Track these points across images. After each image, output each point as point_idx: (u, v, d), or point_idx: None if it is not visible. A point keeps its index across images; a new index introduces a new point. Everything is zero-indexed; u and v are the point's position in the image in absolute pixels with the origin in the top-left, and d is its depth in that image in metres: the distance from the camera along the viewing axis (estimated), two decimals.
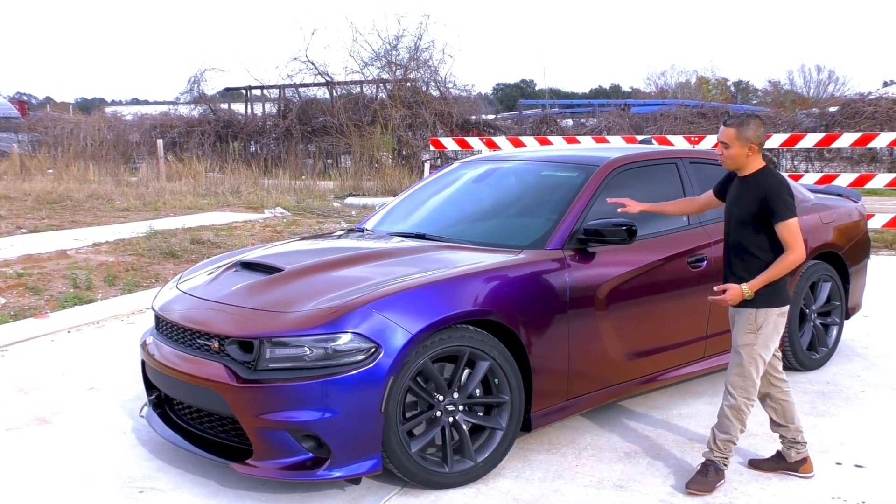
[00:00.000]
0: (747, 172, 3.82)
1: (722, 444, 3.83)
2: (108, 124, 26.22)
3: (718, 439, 3.83)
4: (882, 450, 4.30)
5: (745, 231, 3.78)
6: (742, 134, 3.74)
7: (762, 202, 3.69)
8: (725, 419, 3.81)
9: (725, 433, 3.82)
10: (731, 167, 3.86)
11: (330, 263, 4.28)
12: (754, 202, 3.73)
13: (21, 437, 4.52)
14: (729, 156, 3.79)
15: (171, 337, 4.14)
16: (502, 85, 60.06)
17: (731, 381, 3.82)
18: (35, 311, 7.22)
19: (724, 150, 3.80)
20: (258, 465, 3.64)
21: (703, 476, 3.81)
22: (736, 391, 3.79)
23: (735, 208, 3.85)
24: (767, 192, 3.70)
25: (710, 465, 3.83)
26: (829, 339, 5.83)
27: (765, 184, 3.74)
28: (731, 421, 3.80)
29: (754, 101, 40.36)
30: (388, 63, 23.53)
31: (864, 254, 6.14)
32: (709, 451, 3.86)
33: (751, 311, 3.75)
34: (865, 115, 19.67)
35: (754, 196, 3.74)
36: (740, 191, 3.85)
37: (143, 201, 15.61)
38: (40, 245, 10.06)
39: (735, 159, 3.79)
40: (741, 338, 3.79)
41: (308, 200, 16.13)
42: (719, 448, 3.83)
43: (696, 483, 3.79)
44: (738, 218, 3.81)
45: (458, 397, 3.85)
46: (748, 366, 3.77)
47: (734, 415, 3.79)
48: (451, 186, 5.54)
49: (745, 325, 3.77)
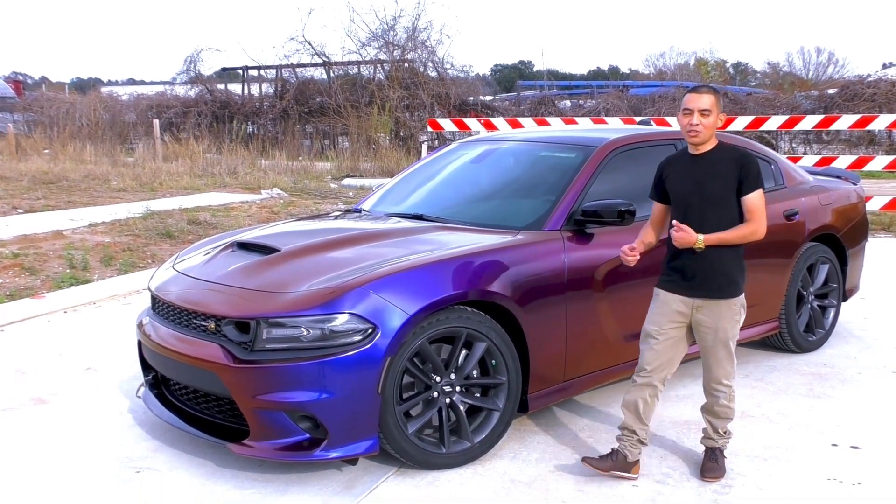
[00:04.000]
0: (709, 147, 3.62)
1: (723, 430, 3.80)
2: (104, 104, 26.07)
3: (719, 427, 3.79)
4: (878, 431, 4.32)
5: (720, 209, 3.56)
6: (719, 102, 3.58)
7: (740, 171, 3.53)
8: (725, 408, 3.76)
9: (725, 419, 3.79)
10: (703, 139, 3.57)
11: (327, 244, 4.27)
12: (731, 175, 3.54)
13: (18, 418, 4.52)
14: (709, 125, 3.54)
15: (167, 317, 4.13)
16: (500, 66, 59.83)
17: (724, 376, 3.71)
18: (31, 292, 7.21)
19: (704, 118, 3.53)
20: (255, 445, 3.64)
21: (714, 462, 3.78)
22: (729, 379, 3.72)
23: (707, 187, 3.57)
24: (743, 161, 3.56)
25: (716, 450, 3.81)
26: (826, 321, 5.84)
27: (738, 154, 3.59)
28: (730, 406, 3.76)
29: (753, 82, 40.23)
30: (386, 44, 23.41)
31: (861, 236, 6.13)
32: (712, 440, 3.81)
33: (735, 299, 3.64)
34: (864, 97, 19.64)
35: (729, 168, 3.55)
36: (706, 168, 3.60)
37: (139, 182, 15.55)
38: (36, 225, 10.02)
39: (711, 129, 3.56)
40: (731, 330, 3.65)
41: (305, 181, 16.09)
42: (721, 434, 3.80)
43: (711, 471, 3.75)
44: (715, 195, 3.55)
45: (455, 378, 3.85)
46: (733, 353, 3.70)
47: (731, 399, 3.76)
48: (448, 167, 5.51)
49: (732, 315, 3.64)
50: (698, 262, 3.59)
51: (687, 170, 3.66)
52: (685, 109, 3.59)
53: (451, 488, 3.69)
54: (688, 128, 3.58)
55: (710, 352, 3.69)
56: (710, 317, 3.62)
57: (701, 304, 3.62)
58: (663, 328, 3.69)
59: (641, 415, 3.74)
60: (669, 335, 3.68)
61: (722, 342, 3.65)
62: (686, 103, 3.59)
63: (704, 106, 3.54)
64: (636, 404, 3.73)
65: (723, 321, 3.63)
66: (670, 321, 3.68)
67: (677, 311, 3.66)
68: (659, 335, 3.69)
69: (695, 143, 3.63)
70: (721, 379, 3.71)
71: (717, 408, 3.76)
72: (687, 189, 3.63)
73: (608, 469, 3.71)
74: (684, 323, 3.68)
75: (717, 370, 3.71)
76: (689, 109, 3.56)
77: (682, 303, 3.65)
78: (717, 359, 3.69)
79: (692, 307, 3.64)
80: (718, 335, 3.64)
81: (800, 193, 5.63)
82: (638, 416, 3.74)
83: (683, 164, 3.70)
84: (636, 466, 3.76)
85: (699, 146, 3.63)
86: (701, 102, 3.54)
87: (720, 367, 3.70)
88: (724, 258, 3.60)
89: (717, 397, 3.74)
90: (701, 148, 3.63)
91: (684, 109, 3.59)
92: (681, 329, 3.69)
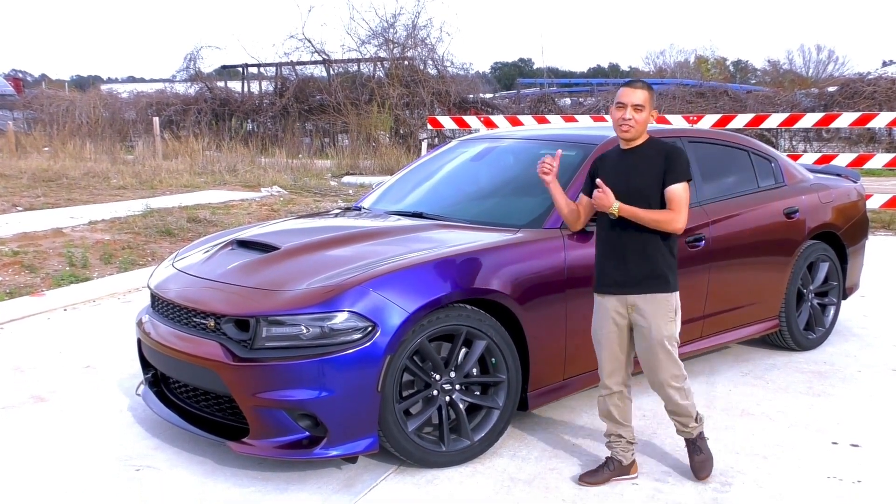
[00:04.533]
0: (640, 142, 3.58)
1: (694, 419, 3.68)
2: (103, 102, 26.08)
3: (687, 424, 3.69)
4: (878, 429, 4.31)
5: (643, 203, 3.50)
6: (653, 98, 3.52)
7: (665, 162, 3.50)
8: (682, 405, 3.63)
9: (687, 414, 3.67)
10: (634, 134, 3.52)
11: (326, 242, 4.26)
12: (657, 168, 3.51)
13: (17, 416, 4.52)
14: (641, 121, 3.49)
15: (167, 315, 4.13)
16: (500, 64, 59.88)
17: (670, 377, 3.58)
18: (31, 289, 7.21)
19: (637, 113, 3.48)
20: (255, 443, 3.64)
21: (700, 452, 3.72)
22: (677, 381, 3.60)
23: (634, 181, 3.53)
24: (669, 153, 3.52)
25: (695, 440, 3.72)
26: (826, 319, 5.83)
27: (665, 147, 3.56)
28: (688, 400, 3.64)
29: (753, 80, 40.23)
30: (386, 41, 23.41)
31: (862, 234, 6.13)
32: (687, 432, 3.71)
33: (668, 295, 3.56)
34: (864, 94, 19.63)
35: (655, 162, 3.52)
36: (632, 163, 3.57)
37: (139, 179, 15.55)
38: (36, 223, 10.02)
39: (644, 125, 3.51)
40: (665, 328, 3.54)
41: (305, 179, 16.08)
42: (696, 423, 3.69)
43: (701, 465, 3.70)
44: (641, 190, 3.51)
45: (455, 376, 3.85)
46: (675, 353, 3.59)
47: (686, 396, 3.64)
48: (448, 165, 5.51)
49: (665, 312, 3.55)
50: (625, 259, 3.56)
51: (616, 164, 3.63)
52: (618, 103, 3.53)
53: (450, 486, 3.69)
54: (620, 122, 3.53)
55: (649, 354, 3.58)
56: (645, 316, 3.55)
57: (633, 302, 3.56)
58: (606, 331, 3.64)
59: (619, 419, 3.71)
60: (613, 338, 3.63)
61: (658, 342, 3.54)
62: (619, 97, 3.54)
63: (638, 101, 3.48)
64: (610, 412, 3.72)
65: (656, 319, 3.54)
66: (612, 323, 3.62)
67: (615, 312, 3.61)
68: (604, 339, 3.66)
69: (625, 138, 3.57)
70: (668, 381, 3.60)
71: (673, 407, 3.67)
72: (612, 183, 3.56)
73: (608, 479, 3.70)
74: (624, 324, 3.62)
75: (661, 373, 3.59)
76: (622, 104, 3.51)
77: (617, 302, 3.59)
78: (658, 361, 3.57)
79: (627, 307, 3.58)
80: (653, 334, 3.54)
81: (800, 191, 5.62)
82: (616, 422, 3.71)
83: (613, 159, 3.66)
84: (633, 467, 3.76)
85: (630, 141, 3.58)
86: (634, 97, 3.49)
87: (662, 370, 3.58)
88: (650, 251, 3.54)
89: (670, 398, 3.64)
90: (631, 143, 3.59)
91: (617, 103, 3.54)
92: (623, 330, 3.63)
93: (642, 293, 3.55)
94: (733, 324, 5.18)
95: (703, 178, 5.04)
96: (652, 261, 3.55)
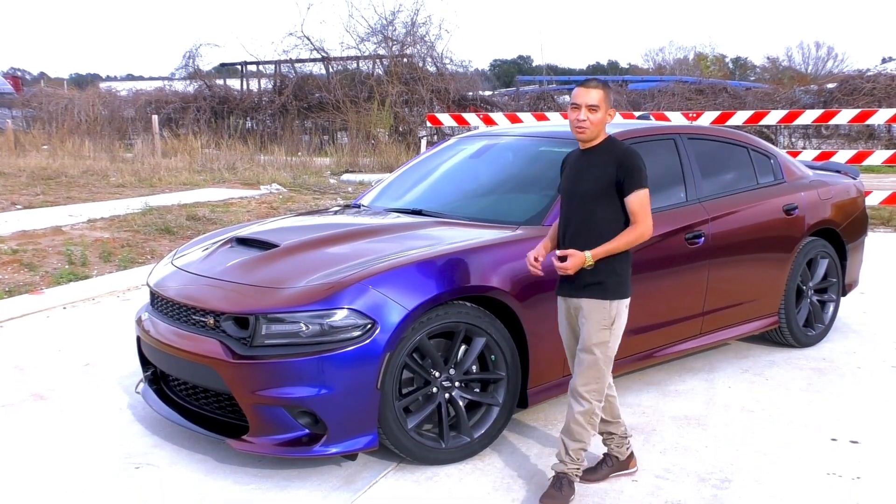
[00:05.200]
0: (597, 142, 3.48)
1: (574, 454, 3.48)
2: (102, 100, 26.03)
3: (571, 449, 3.47)
4: (877, 426, 4.32)
5: (595, 206, 3.41)
6: (608, 97, 3.41)
7: (618, 170, 3.38)
8: (578, 427, 3.44)
9: (579, 441, 3.47)
10: (591, 135, 3.42)
11: (326, 239, 4.26)
12: (607, 172, 3.40)
13: (17, 414, 4.51)
14: (597, 121, 3.39)
15: (166, 313, 4.13)
16: (499, 61, 59.83)
17: (582, 385, 3.42)
18: (30, 288, 7.20)
19: (592, 113, 3.37)
20: (254, 441, 3.64)
21: (558, 490, 3.45)
22: (590, 395, 3.42)
23: (582, 183, 3.46)
24: (622, 160, 3.39)
25: (563, 477, 3.48)
26: (825, 316, 5.84)
27: (618, 152, 3.44)
28: (585, 427, 3.45)
29: (752, 77, 40.25)
30: (385, 39, 23.38)
31: (861, 230, 6.13)
32: (560, 464, 3.50)
33: (605, 302, 3.40)
34: (864, 91, 19.64)
35: (606, 165, 3.41)
36: (585, 164, 3.49)
37: (138, 177, 15.54)
38: (35, 221, 10.02)
39: (599, 125, 3.40)
40: (596, 335, 3.39)
41: (304, 177, 16.08)
42: (572, 458, 3.48)
43: (550, 497, 3.44)
44: (588, 192, 3.42)
45: (455, 373, 3.85)
46: (603, 365, 3.42)
47: (588, 420, 3.44)
48: (448, 162, 5.51)
49: (599, 320, 3.40)
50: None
51: (574, 165, 3.57)
52: (573, 104, 3.43)
53: (450, 483, 3.69)
54: (575, 123, 3.44)
55: (578, 355, 3.47)
56: (581, 319, 3.46)
57: (577, 305, 3.46)
58: (570, 333, 3.59)
59: (606, 418, 3.63)
60: (574, 338, 3.56)
61: (585, 347, 3.42)
62: (574, 98, 3.43)
63: (592, 101, 3.38)
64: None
65: (588, 324, 3.42)
66: (571, 325, 3.56)
67: (567, 311, 3.55)
68: (566, 340, 3.61)
69: (581, 139, 3.48)
70: (580, 388, 3.44)
71: (571, 423, 3.46)
72: (569, 184, 3.53)
73: (607, 476, 3.69)
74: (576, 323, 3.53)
75: (578, 377, 3.45)
76: (577, 104, 3.41)
77: (565, 303, 3.54)
78: (583, 365, 3.43)
79: (572, 308, 3.51)
80: (587, 340, 3.41)
81: (799, 188, 5.63)
82: (604, 420, 3.64)
83: (575, 160, 3.58)
84: (632, 461, 3.76)
85: (587, 142, 3.49)
86: (589, 97, 3.38)
87: (582, 374, 3.44)
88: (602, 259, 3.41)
89: (572, 408, 3.47)
90: (590, 143, 3.49)
91: (572, 104, 3.44)
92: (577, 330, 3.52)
93: (580, 297, 3.44)
94: (733, 320, 5.18)
95: (702, 175, 5.05)
96: (597, 270, 3.41)
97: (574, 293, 3.47)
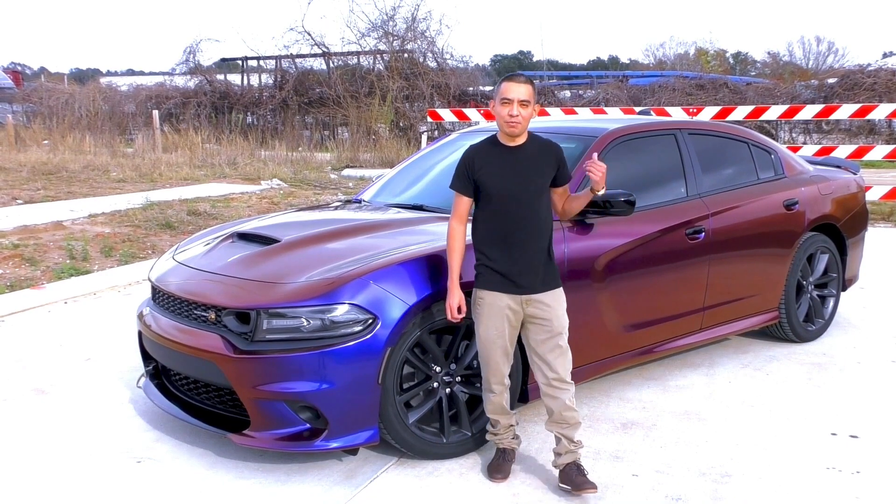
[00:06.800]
0: (523, 139, 3.52)
1: (576, 439, 3.57)
2: (103, 95, 26.00)
3: (572, 437, 3.55)
4: (877, 420, 4.33)
5: (540, 204, 3.48)
6: (535, 91, 3.45)
7: (559, 165, 3.53)
8: (570, 412, 3.52)
9: (575, 424, 3.55)
10: (521, 130, 3.45)
11: (327, 234, 4.27)
12: (549, 168, 3.50)
13: (18, 408, 4.53)
14: (527, 116, 3.41)
15: (167, 308, 4.13)
16: (500, 56, 59.70)
17: (564, 370, 3.50)
18: (31, 282, 7.21)
19: (523, 109, 3.39)
20: (255, 435, 3.65)
21: (581, 475, 3.51)
22: (569, 376, 3.53)
23: (526, 182, 3.45)
24: (558, 154, 3.54)
25: (573, 465, 3.55)
26: (825, 311, 5.84)
27: (551, 147, 3.55)
28: (575, 409, 3.54)
29: (753, 72, 40.15)
30: (385, 34, 23.35)
31: (861, 226, 6.13)
32: (571, 454, 3.55)
33: (561, 289, 3.53)
34: (864, 86, 19.59)
35: (544, 162, 3.49)
36: (518, 161, 3.48)
37: (139, 172, 15.53)
38: (36, 216, 10.02)
39: (528, 120, 3.44)
40: (564, 319, 3.50)
41: (305, 172, 16.07)
42: (577, 444, 3.57)
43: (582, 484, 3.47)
44: (536, 191, 3.46)
45: (456, 368, 3.85)
46: (569, 348, 3.54)
47: (573, 401, 3.54)
48: (449, 158, 5.49)
49: (562, 304, 3.51)
50: (522, 259, 3.46)
51: (505, 163, 3.50)
52: (503, 99, 3.41)
53: (451, 478, 3.70)
54: (507, 119, 3.42)
55: (548, 345, 3.49)
56: (545, 309, 3.48)
57: (530, 298, 3.47)
58: (501, 331, 3.50)
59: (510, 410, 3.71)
60: (507, 335, 3.51)
61: (559, 334, 3.49)
62: (504, 92, 3.42)
63: (523, 96, 3.39)
64: (503, 407, 3.66)
65: (557, 310, 3.49)
66: (506, 320, 3.50)
67: (509, 308, 3.48)
68: (499, 338, 3.51)
69: (513, 135, 3.48)
70: (563, 375, 3.50)
71: (564, 412, 3.51)
72: (511, 182, 3.47)
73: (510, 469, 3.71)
74: (518, 320, 3.52)
75: (559, 366, 3.49)
76: (509, 99, 3.40)
77: (511, 299, 3.48)
78: (558, 352, 3.49)
79: (521, 303, 3.48)
80: (555, 326, 3.48)
81: (799, 183, 5.62)
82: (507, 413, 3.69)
83: (498, 156, 3.52)
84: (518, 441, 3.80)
85: (516, 138, 3.50)
86: (520, 92, 3.39)
87: (561, 362, 3.50)
88: (550, 250, 3.52)
89: (562, 398, 3.51)
90: (517, 140, 3.50)
91: (502, 99, 3.42)
92: (516, 326, 3.53)
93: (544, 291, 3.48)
94: (733, 316, 5.19)
95: (702, 170, 5.05)
96: (550, 261, 3.51)
97: (530, 289, 3.47)
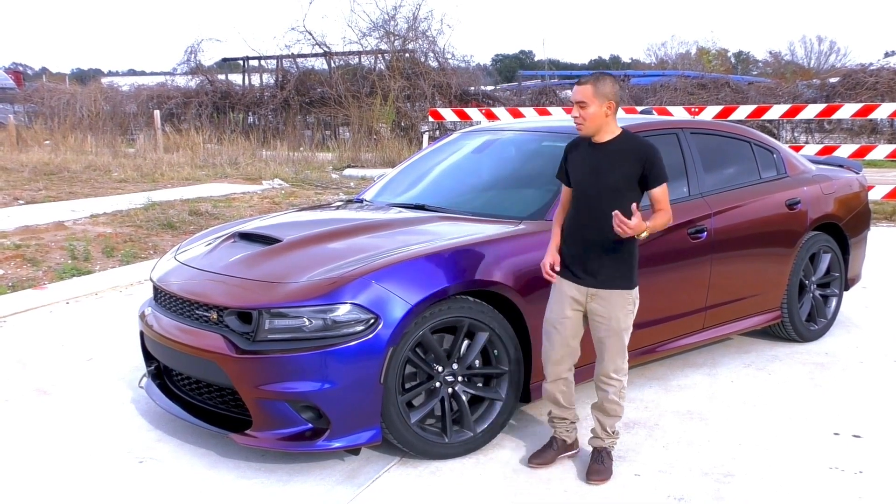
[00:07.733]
0: (607, 137, 3.56)
1: (611, 429, 3.74)
2: (104, 95, 25.97)
3: (608, 426, 3.73)
4: (880, 420, 4.32)
5: (620, 198, 3.48)
6: (599, 90, 3.48)
7: (644, 166, 3.49)
8: (614, 405, 3.69)
9: (615, 416, 3.73)
10: (589, 130, 3.53)
11: (328, 234, 4.27)
12: (633, 167, 3.50)
13: (20, 409, 4.52)
14: (588, 116, 3.49)
15: (169, 308, 4.13)
16: (501, 56, 59.77)
17: (614, 367, 3.64)
18: (33, 283, 7.21)
19: (582, 110, 3.50)
20: (258, 435, 3.64)
21: (600, 464, 3.70)
22: (619, 374, 3.66)
23: (605, 178, 3.52)
24: (648, 156, 3.50)
25: (602, 451, 3.74)
26: (828, 311, 5.83)
27: (642, 148, 3.53)
28: (620, 403, 3.70)
29: (755, 72, 40.12)
30: (387, 33, 23.34)
31: (864, 225, 6.13)
32: (597, 439, 3.75)
33: (628, 291, 3.59)
34: (866, 85, 19.58)
35: (631, 161, 3.50)
36: (604, 158, 3.55)
37: (140, 173, 15.54)
38: (38, 216, 10.03)
39: (594, 119, 3.50)
40: (624, 321, 3.59)
41: (306, 172, 16.07)
42: (609, 434, 3.74)
43: (597, 473, 3.66)
44: (614, 187, 3.50)
45: (458, 368, 3.85)
46: (625, 347, 3.65)
47: (621, 396, 3.69)
48: (450, 157, 5.50)
49: (623, 305, 3.58)
50: (594, 253, 3.56)
51: (586, 157, 3.61)
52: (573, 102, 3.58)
53: (453, 478, 3.69)
54: (574, 120, 3.58)
55: (603, 343, 3.63)
56: (604, 307, 3.58)
57: (595, 292, 3.59)
58: (562, 317, 3.65)
59: (564, 404, 3.80)
60: (568, 324, 3.65)
61: (615, 333, 3.59)
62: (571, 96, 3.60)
63: (579, 98, 3.50)
64: (556, 397, 3.79)
65: (616, 310, 3.58)
66: (568, 308, 3.64)
67: (572, 298, 3.62)
68: (558, 324, 3.66)
69: (582, 135, 3.60)
70: (611, 372, 3.65)
71: (606, 404, 3.69)
72: (582, 176, 3.59)
73: (554, 458, 3.83)
74: (580, 310, 3.64)
75: (608, 363, 3.64)
76: (572, 101, 3.57)
77: (576, 290, 3.61)
78: (609, 351, 3.62)
79: (586, 295, 3.60)
80: (612, 325, 3.58)
81: (802, 182, 5.62)
82: (561, 406, 3.81)
83: (583, 151, 3.64)
84: (576, 443, 3.91)
85: (593, 136, 3.57)
86: (576, 95, 3.52)
87: (611, 359, 3.64)
88: (621, 250, 3.55)
89: (607, 391, 3.68)
90: (598, 137, 3.57)
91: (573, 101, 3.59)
92: (578, 316, 3.65)
93: (607, 288, 3.57)
94: (735, 315, 5.18)
95: (704, 170, 5.04)
96: (622, 261, 3.57)
97: (594, 283, 3.58)
